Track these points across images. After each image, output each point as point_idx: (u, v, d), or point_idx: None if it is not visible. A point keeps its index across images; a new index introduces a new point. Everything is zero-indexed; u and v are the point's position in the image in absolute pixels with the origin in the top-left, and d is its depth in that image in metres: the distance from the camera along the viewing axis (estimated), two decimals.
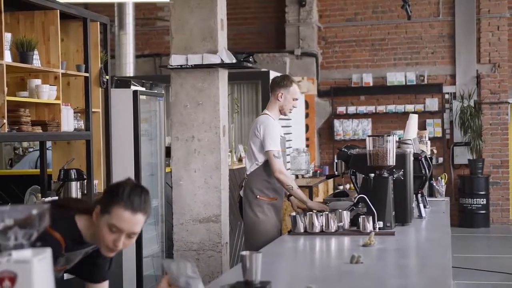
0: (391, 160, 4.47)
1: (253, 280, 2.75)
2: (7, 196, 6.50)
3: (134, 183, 2.73)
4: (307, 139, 12.68)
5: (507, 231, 12.56)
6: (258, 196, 5.38)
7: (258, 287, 2.75)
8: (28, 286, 1.72)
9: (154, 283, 7.01)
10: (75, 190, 5.56)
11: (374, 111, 13.17)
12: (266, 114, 5.50)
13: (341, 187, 12.38)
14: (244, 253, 2.76)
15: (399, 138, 5.49)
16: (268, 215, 5.36)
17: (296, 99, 5.54)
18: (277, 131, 5.39)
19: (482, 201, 12.60)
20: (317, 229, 4.31)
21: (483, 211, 12.64)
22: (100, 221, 2.66)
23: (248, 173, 5.49)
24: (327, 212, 4.39)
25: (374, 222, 4.30)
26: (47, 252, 1.79)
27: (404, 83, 13.10)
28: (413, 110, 12.75)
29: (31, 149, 9.15)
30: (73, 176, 5.56)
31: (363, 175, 4.59)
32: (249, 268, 2.74)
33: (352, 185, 11.87)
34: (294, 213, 4.46)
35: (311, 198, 9.33)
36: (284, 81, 5.52)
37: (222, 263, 5.83)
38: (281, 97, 5.47)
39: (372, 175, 4.46)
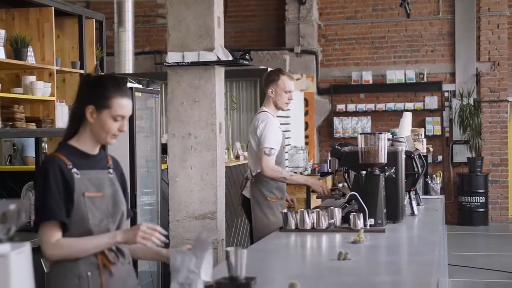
0: (383, 158, 4.48)
1: (238, 276, 2.77)
2: (5, 192, 6.52)
3: (111, 74, 3.00)
4: (306, 136, 12.70)
5: (506, 229, 12.57)
6: (268, 198, 5.32)
7: (242, 283, 2.78)
8: (5, 280, 1.74)
9: (149, 279, 7.04)
10: None
11: (373, 109, 13.18)
12: (265, 111, 5.42)
13: (340, 185, 12.40)
14: (229, 249, 2.78)
15: (392, 136, 5.51)
16: (278, 216, 5.20)
17: (289, 91, 5.41)
18: (276, 129, 5.31)
19: (481, 199, 12.61)
20: (308, 226, 4.33)
21: (482, 209, 12.65)
22: (100, 116, 2.90)
23: (253, 174, 5.38)
24: (318, 210, 4.40)
25: (365, 219, 4.32)
26: (26, 247, 1.82)
27: (403, 81, 13.11)
28: (412, 108, 12.78)
29: None
30: None
31: (355, 173, 4.61)
32: (234, 264, 2.76)
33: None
34: (285, 210, 4.48)
35: (308, 195, 9.31)
36: (271, 76, 5.44)
37: (218, 259, 5.85)
38: (272, 92, 5.40)
39: (364, 172, 4.47)
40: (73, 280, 2.89)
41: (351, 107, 13.27)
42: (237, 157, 8.36)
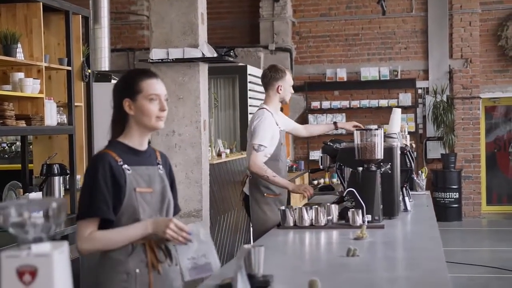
0: (379, 154, 4.48)
1: (256, 273, 2.75)
2: None
3: (134, 68, 3.06)
4: None
5: (479, 224, 12.72)
6: (265, 194, 5.31)
7: (260, 281, 2.76)
8: (49, 280, 1.70)
9: None
10: (58, 185, 5.49)
11: (348, 106, 13.22)
12: (263, 108, 5.43)
13: (315, 182, 12.42)
14: (247, 246, 2.75)
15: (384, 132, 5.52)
16: (275, 213, 5.15)
17: (292, 84, 5.56)
18: (270, 125, 5.31)
19: (455, 195, 12.74)
20: (306, 223, 4.31)
21: (456, 205, 12.78)
22: (137, 104, 2.94)
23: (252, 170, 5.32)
24: (316, 206, 4.39)
25: (363, 216, 4.32)
26: (65, 245, 1.78)
27: (377, 78, 13.17)
28: (386, 105, 12.86)
29: (4, 144, 9.03)
30: (56, 171, 5.48)
31: (351, 169, 4.60)
32: (253, 261, 2.74)
33: (327, 180, 11.87)
34: (283, 207, 4.46)
35: (289, 194, 9.28)
36: (279, 73, 5.46)
37: None
38: (280, 89, 5.45)
39: (360, 168, 4.47)
40: (121, 275, 2.87)
41: (326, 104, 13.30)
42: (219, 155, 8.31)
